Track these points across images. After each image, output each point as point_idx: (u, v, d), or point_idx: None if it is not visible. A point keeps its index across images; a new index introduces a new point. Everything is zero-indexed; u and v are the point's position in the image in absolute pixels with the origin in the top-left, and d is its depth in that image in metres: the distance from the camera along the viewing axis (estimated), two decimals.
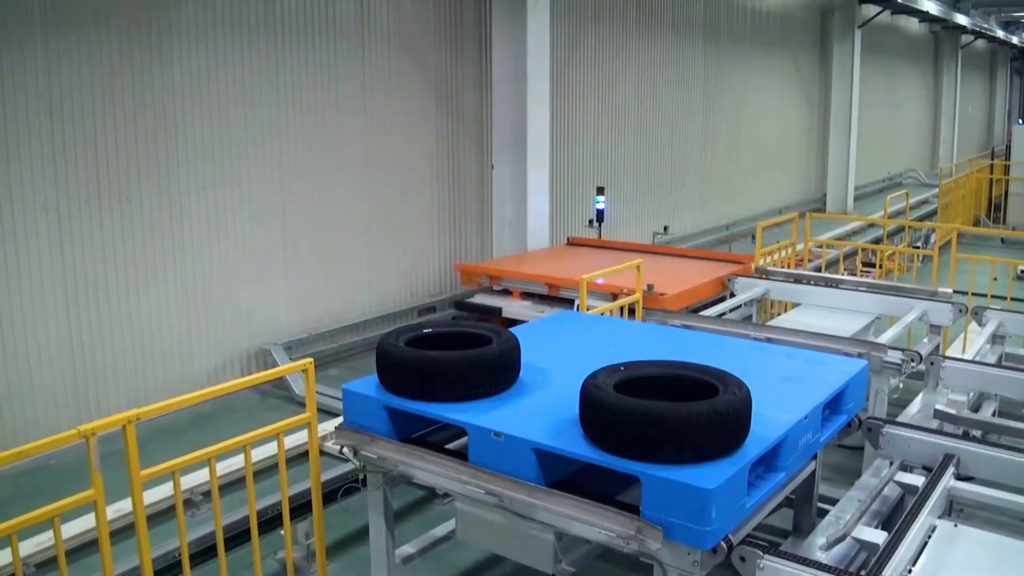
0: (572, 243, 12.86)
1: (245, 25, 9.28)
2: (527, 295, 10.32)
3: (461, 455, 4.66)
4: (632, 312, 7.89)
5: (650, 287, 8.81)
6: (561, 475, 4.33)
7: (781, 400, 4.65)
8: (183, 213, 8.91)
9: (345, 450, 5.05)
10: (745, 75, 19.31)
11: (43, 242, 7.89)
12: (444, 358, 4.78)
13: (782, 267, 10.50)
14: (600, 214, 13.25)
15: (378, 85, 10.82)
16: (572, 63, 13.84)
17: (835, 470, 6.81)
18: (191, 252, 9.02)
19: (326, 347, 10.11)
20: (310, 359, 5.06)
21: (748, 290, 8.83)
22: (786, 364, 5.42)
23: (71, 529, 5.95)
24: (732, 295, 8.95)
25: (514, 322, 7.99)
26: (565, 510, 4.07)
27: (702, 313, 7.95)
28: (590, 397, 4.17)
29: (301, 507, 5.69)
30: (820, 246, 13.50)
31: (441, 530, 5.64)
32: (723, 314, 8.20)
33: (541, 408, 4.65)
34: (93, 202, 8.20)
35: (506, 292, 10.50)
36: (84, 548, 6.01)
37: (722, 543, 3.72)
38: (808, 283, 9.01)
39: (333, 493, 6.47)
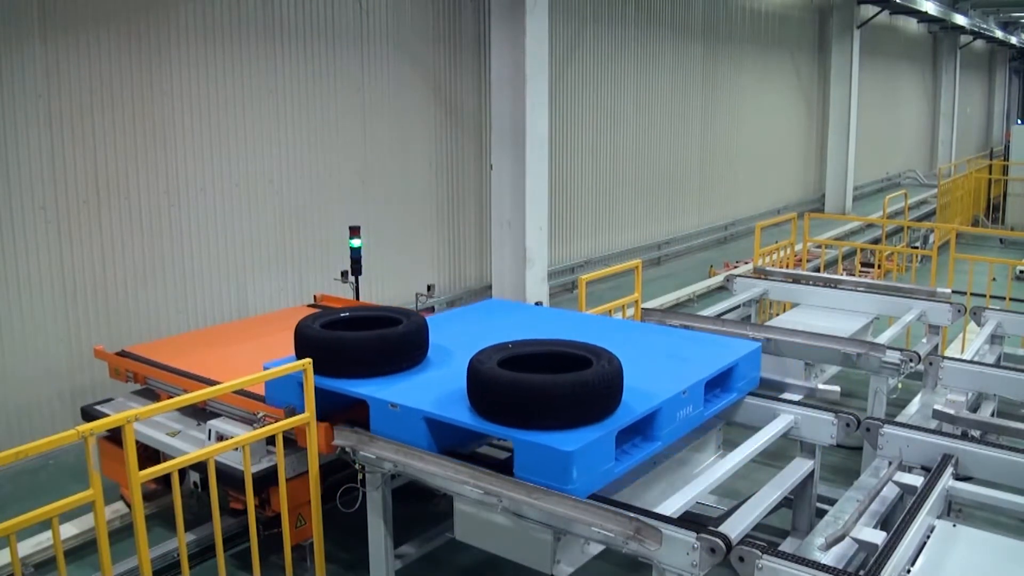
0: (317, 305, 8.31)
1: (243, 27, 9.27)
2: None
3: (460, 456, 4.68)
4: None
5: None
6: (452, 444, 4.82)
7: (662, 376, 5.08)
8: (182, 212, 8.91)
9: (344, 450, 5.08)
10: (744, 75, 19.32)
11: (41, 241, 7.90)
12: (352, 338, 5.27)
13: (781, 267, 10.50)
14: (356, 265, 8.73)
15: (377, 85, 10.82)
16: (571, 64, 13.84)
17: (834, 470, 6.82)
18: (189, 249, 9.02)
19: None
20: (309, 359, 5.04)
21: (747, 290, 8.84)
22: (679, 345, 5.86)
23: (69, 530, 5.98)
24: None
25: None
26: (563, 510, 4.08)
27: (700, 313, 7.96)
28: (473, 372, 4.64)
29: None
30: (819, 246, 13.51)
31: (440, 530, 5.65)
32: (722, 314, 8.21)
33: (438, 383, 5.11)
34: (92, 201, 8.21)
35: (152, 394, 6.63)
36: (81, 549, 6.04)
37: (720, 543, 3.72)
38: (807, 283, 9.02)
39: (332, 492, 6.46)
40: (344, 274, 8.44)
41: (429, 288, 8.07)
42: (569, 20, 13.66)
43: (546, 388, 4.39)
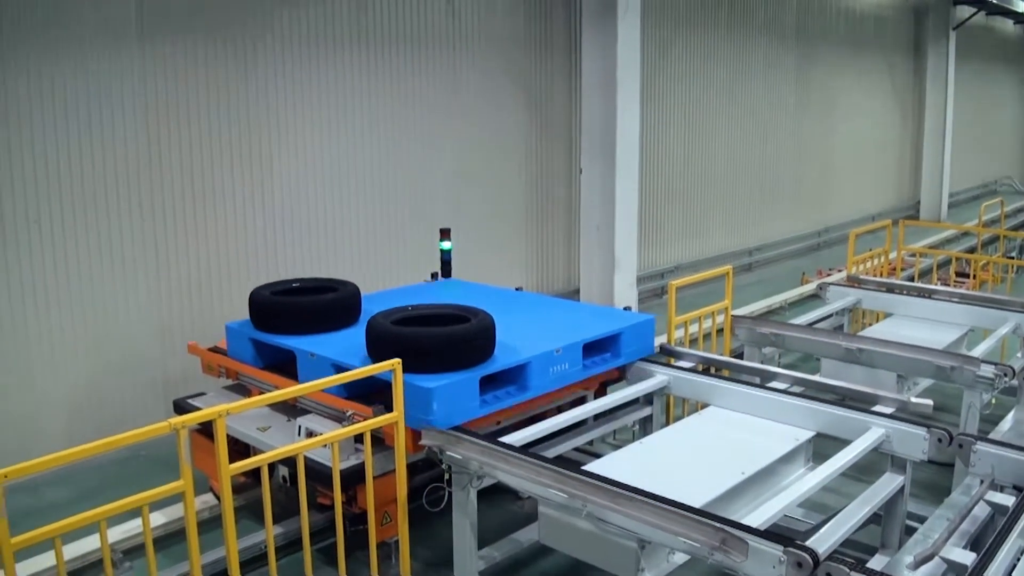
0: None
1: (337, 32, 9.41)
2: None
3: (544, 458, 4.70)
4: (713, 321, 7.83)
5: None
6: (357, 391, 5.61)
7: (542, 338, 6.09)
8: (275, 212, 9.09)
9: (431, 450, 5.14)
10: (837, 78, 18.98)
11: (137, 237, 8.12)
12: (290, 302, 6.46)
13: (874, 276, 10.33)
14: (446, 267, 8.66)
15: (468, 89, 10.90)
16: (662, 67, 13.76)
17: (924, 487, 6.69)
18: (282, 248, 9.19)
19: None
20: (398, 359, 5.11)
21: (840, 299, 8.72)
22: (576, 317, 6.96)
23: (157, 519, 6.14)
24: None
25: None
26: (648, 517, 4.06)
27: (791, 321, 7.87)
28: (369, 327, 5.67)
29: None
30: (913, 255, 13.25)
31: (524, 533, 5.67)
32: (814, 323, 8.10)
33: (355, 339, 6.02)
34: (187, 200, 8.41)
35: (243, 389, 6.74)
36: (167, 538, 6.21)
37: (808, 557, 3.68)
38: (901, 293, 8.86)
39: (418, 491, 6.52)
40: (434, 275, 8.52)
41: (518, 290, 8.09)
42: (661, 23, 13.58)
43: (420, 339, 5.45)
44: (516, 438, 5.30)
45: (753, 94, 16.21)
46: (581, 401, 6.37)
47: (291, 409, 6.03)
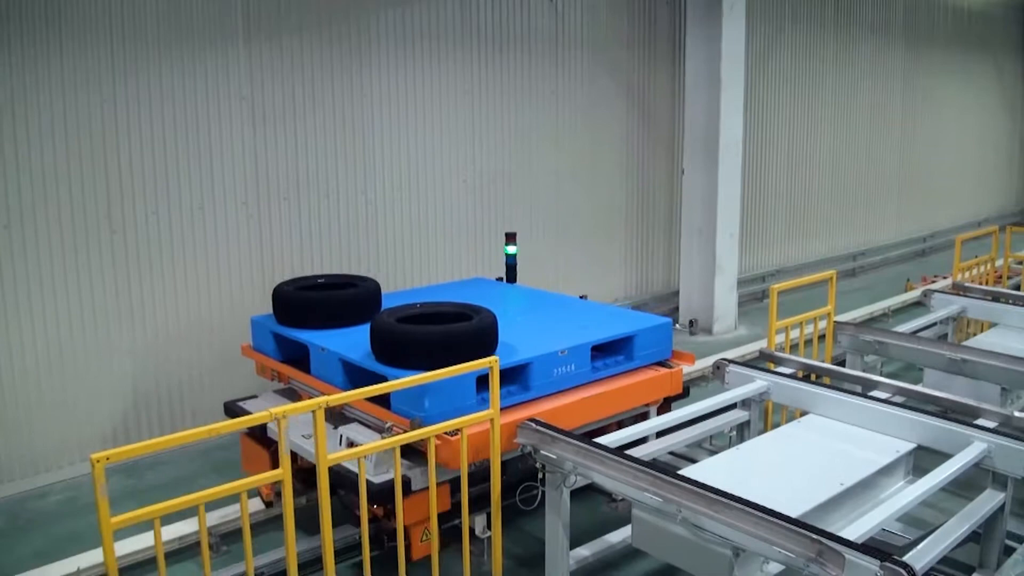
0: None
1: (441, 30, 9.56)
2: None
3: (640, 460, 4.70)
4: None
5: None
6: (360, 383, 5.45)
7: (550, 339, 6.08)
8: (377, 210, 9.25)
9: (525, 448, 5.17)
10: (944, 79, 18.54)
11: (243, 235, 8.36)
12: (309, 296, 6.54)
13: (980, 283, 10.08)
14: (511, 270, 8.48)
15: (569, 87, 10.95)
16: (767, 67, 13.63)
17: None
18: (385, 246, 9.37)
19: None
20: (495, 357, 5.15)
21: (945, 307, 8.53)
22: (590, 317, 6.85)
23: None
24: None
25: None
26: (744, 525, 4.05)
27: (895, 329, 7.74)
28: (373, 324, 5.72)
29: (479, 499, 5.77)
30: (1020, 262, 12.89)
31: (616, 535, 5.68)
32: (917, 331, 7.95)
33: (367, 335, 5.89)
34: (292, 198, 8.62)
35: (293, 394, 6.73)
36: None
37: (905, 573, 3.63)
38: (1007, 302, 8.63)
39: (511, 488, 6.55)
40: (499, 280, 8.49)
41: (582, 298, 7.94)
42: (766, 21, 13.45)
43: (418, 336, 5.52)
44: (611, 439, 5.31)
45: (859, 94, 15.94)
46: (644, 417, 6.35)
47: (341, 417, 5.93)
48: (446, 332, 5.57)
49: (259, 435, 6.18)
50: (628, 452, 5.09)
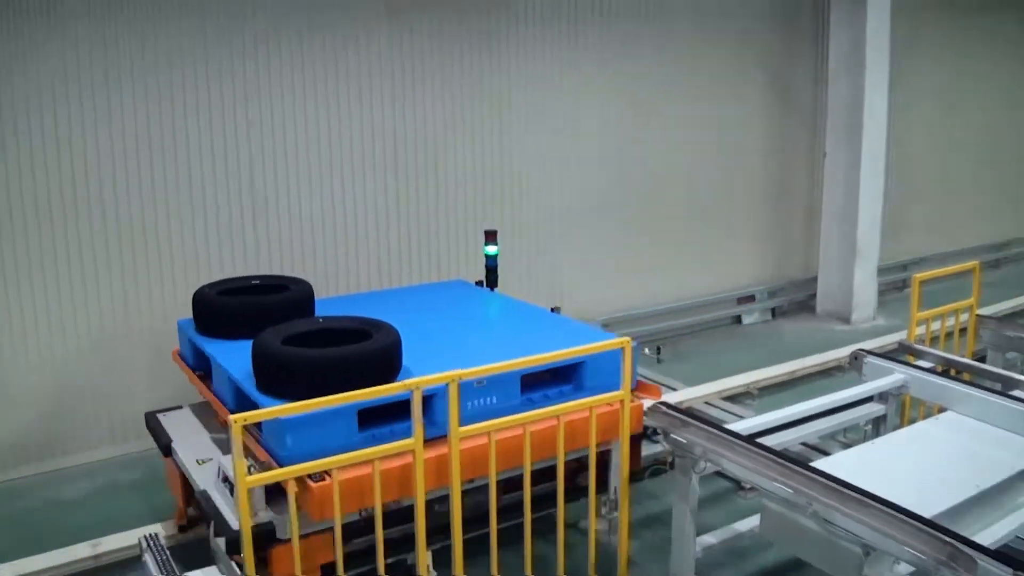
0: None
1: (576, 10, 9.59)
2: None
3: (772, 450, 4.67)
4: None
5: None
6: (243, 407, 4.71)
7: (473, 364, 4.82)
8: (517, 186, 9.40)
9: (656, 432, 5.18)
10: None
11: (370, 206, 8.58)
12: (227, 302, 5.76)
13: None
14: (491, 272, 7.40)
15: (709, 66, 10.85)
16: (913, 47, 13.10)
17: None
18: (518, 224, 9.48)
19: (642, 327, 10.30)
20: (628, 338, 5.15)
21: None
22: (543, 336, 5.83)
23: None
24: None
25: None
26: (876, 523, 4.00)
27: None
28: (254, 343, 4.88)
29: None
30: None
31: (744, 524, 5.65)
32: None
33: None
34: (430, 172, 8.85)
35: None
36: None
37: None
38: None
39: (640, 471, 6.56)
40: (479, 284, 7.43)
41: (554, 310, 7.00)
42: (913, 3, 12.98)
43: (295, 360, 4.66)
44: (742, 427, 5.28)
45: (1008, 78, 15.24)
46: (604, 457, 5.49)
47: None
48: (322, 356, 4.69)
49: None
50: (759, 440, 5.06)
